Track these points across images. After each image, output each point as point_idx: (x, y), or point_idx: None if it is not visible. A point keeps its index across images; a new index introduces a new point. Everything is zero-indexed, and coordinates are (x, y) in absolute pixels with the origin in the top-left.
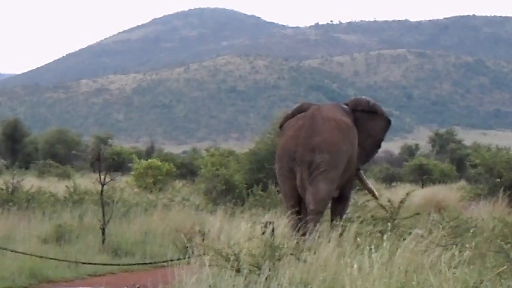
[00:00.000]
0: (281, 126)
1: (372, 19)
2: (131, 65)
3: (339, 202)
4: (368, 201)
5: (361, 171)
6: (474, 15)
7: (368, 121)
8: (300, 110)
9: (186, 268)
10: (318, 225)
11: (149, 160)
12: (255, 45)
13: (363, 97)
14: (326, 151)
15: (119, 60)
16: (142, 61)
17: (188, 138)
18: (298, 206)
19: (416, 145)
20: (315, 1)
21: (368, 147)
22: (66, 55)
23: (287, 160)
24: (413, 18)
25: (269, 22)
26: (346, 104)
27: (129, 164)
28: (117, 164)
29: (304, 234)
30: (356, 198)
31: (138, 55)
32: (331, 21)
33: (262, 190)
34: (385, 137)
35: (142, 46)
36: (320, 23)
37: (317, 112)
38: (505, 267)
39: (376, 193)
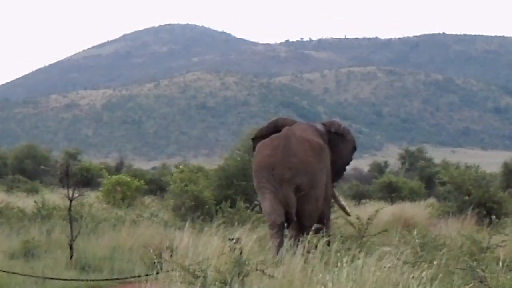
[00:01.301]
0: (254, 138)
1: (342, 37)
2: (101, 81)
3: (319, 218)
4: (337, 218)
5: (334, 189)
6: (444, 33)
7: (339, 143)
8: (275, 124)
9: (154, 284)
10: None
11: (118, 176)
12: (226, 61)
13: (337, 120)
14: (303, 173)
15: (89, 75)
16: (112, 76)
17: (158, 154)
18: (281, 221)
19: (385, 162)
20: (286, 18)
21: (338, 167)
22: (36, 70)
23: (265, 176)
24: (383, 36)
25: (240, 39)
26: (324, 124)
27: (99, 180)
28: (86, 180)
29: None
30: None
31: (108, 71)
32: (302, 38)
33: (230, 207)
34: (350, 162)
35: (112, 62)
36: (290, 40)
37: (290, 133)
38: (471, 284)
39: (348, 209)
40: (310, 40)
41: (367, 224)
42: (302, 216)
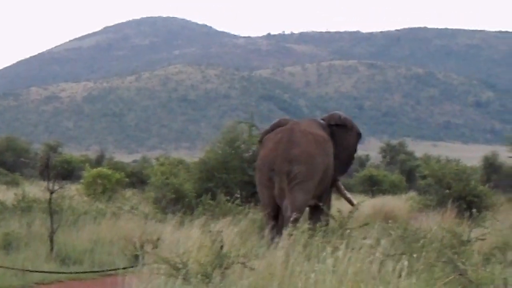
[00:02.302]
0: (260, 141)
1: (324, 30)
2: (82, 73)
3: (316, 211)
4: None
5: (339, 181)
6: (425, 27)
7: (342, 134)
8: (278, 125)
9: (135, 277)
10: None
11: (98, 169)
12: (207, 54)
13: (336, 112)
14: (303, 163)
15: (70, 68)
16: (93, 69)
17: (139, 147)
18: (275, 214)
19: (367, 156)
20: (267, 11)
21: (344, 159)
22: (17, 62)
23: (266, 170)
24: (364, 30)
25: (221, 32)
26: (323, 119)
27: (79, 172)
28: (67, 173)
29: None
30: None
31: (90, 63)
32: (283, 31)
33: (211, 199)
34: (357, 149)
35: (94, 54)
36: (272, 33)
37: (295, 126)
38: (452, 277)
39: (354, 201)
40: (292, 33)
41: (348, 217)
42: (291, 206)
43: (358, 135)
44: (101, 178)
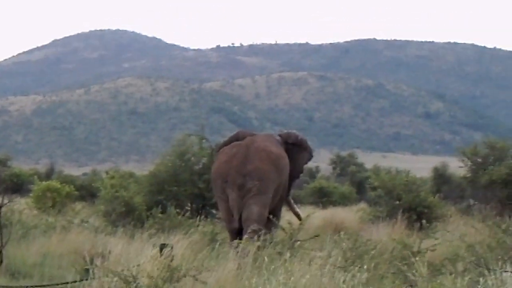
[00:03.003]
0: (217, 151)
1: (273, 42)
2: (31, 86)
3: (267, 223)
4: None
5: (289, 196)
6: (374, 38)
7: (296, 153)
8: (236, 138)
9: None
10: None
11: (48, 182)
12: (157, 67)
13: (294, 131)
14: (256, 178)
15: (19, 81)
16: (42, 82)
17: (89, 160)
18: (236, 227)
19: (317, 167)
20: (217, 24)
21: (294, 176)
22: None
23: (220, 182)
24: (314, 41)
25: (171, 44)
26: (281, 135)
27: (29, 186)
28: (16, 186)
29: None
30: None
31: (38, 76)
32: (233, 43)
33: (161, 212)
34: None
35: (42, 68)
36: (221, 45)
37: (250, 143)
38: None
39: (301, 216)
40: (241, 45)
41: (298, 229)
42: (248, 218)
43: (310, 157)
44: (51, 191)
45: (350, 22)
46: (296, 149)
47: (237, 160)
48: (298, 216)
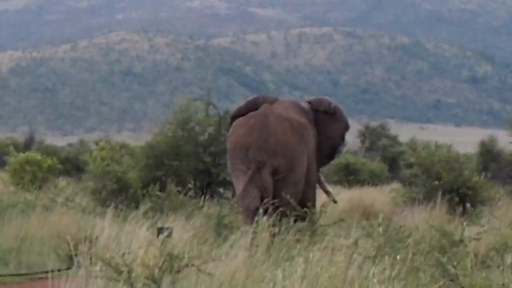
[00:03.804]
0: (233, 118)
1: None
2: (8, 41)
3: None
4: None
5: (319, 173)
6: None
7: (328, 123)
8: (254, 104)
9: (69, 280)
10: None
11: (27, 154)
12: (155, 19)
13: (326, 97)
14: (281, 155)
15: None
16: (21, 36)
17: (75, 128)
18: (253, 206)
19: None
20: None
21: (326, 150)
22: None
23: (239, 157)
24: None
25: None
26: (310, 102)
27: (4, 158)
28: None
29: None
30: None
31: (17, 29)
32: None
33: (160, 190)
34: (342, 146)
35: (21, 19)
36: None
37: (269, 111)
38: (441, 283)
39: (334, 196)
40: None
41: (320, 213)
42: (272, 199)
43: (346, 129)
44: (30, 164)
45: None
46: (328, 118)
47: (257, 133)
48: (329, 195)
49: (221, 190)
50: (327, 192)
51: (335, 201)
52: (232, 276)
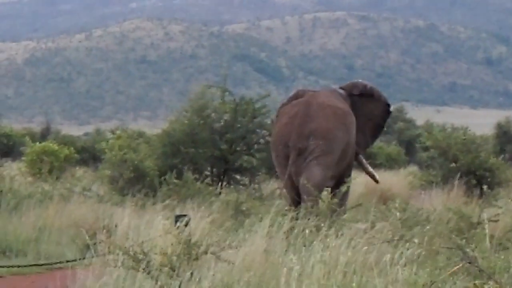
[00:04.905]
0: (276, 115)
1: None
2: (23, 32)
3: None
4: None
5: (361, 156)
6: None
7: (366, 105)
8: (295, 97)
9: (88, 270)
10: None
11: (44, 144)
12: (170, 7)
13: (360, 80)
14: (320, 137)
15: (8, 25)
16: (35, 26)
17: (91, 117)
18: (296, 192)
19: None
20: None
21: (368, 132)
22: None
23: (282, 147)
24: None
25: None
26: (342, 88)
27: (21, 148)
28: (7, 149)
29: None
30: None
31: (31, 20)
32: None
33: (177, 178)
34: (385, 124)
35: (36, 9)
36: None
37: (312, 99)
38: (459, 265)
39: (377, 177)
40: None
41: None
42: (307, 185)
43: (387, 110)
44: (47, 154)
45: None
46: (364, 100)
47: (299, 120)
48: (373, 177)
49: (238, 176)
50: (370, 174)
51: (376, 181)
52: (250, 263)
